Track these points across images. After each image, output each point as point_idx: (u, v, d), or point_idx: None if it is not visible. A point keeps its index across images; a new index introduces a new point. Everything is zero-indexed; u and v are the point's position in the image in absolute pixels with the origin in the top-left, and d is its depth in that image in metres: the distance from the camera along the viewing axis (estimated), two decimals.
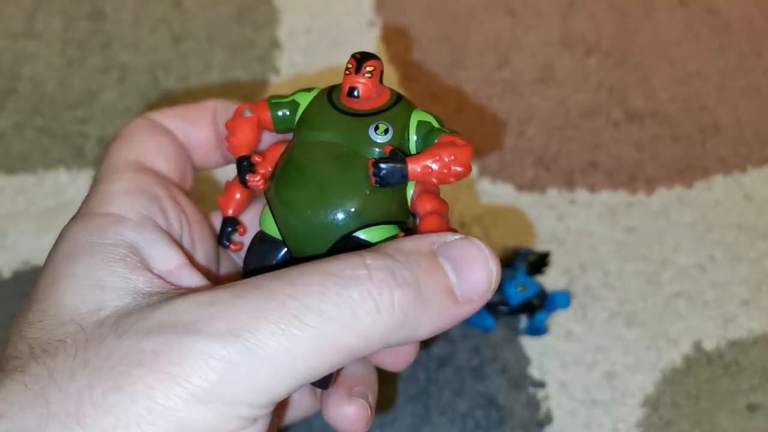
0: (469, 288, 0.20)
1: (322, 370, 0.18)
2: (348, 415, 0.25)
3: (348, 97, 0.22)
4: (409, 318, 0.19)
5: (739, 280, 0.48)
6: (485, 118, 0.51)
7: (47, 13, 0.50)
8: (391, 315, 0.18)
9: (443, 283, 0.20)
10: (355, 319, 0.18)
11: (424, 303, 0.19)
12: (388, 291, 0.18)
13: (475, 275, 0.20)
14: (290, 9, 0.53)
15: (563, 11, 0.56)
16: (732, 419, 0.44)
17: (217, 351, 0.17)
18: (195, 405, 0.17)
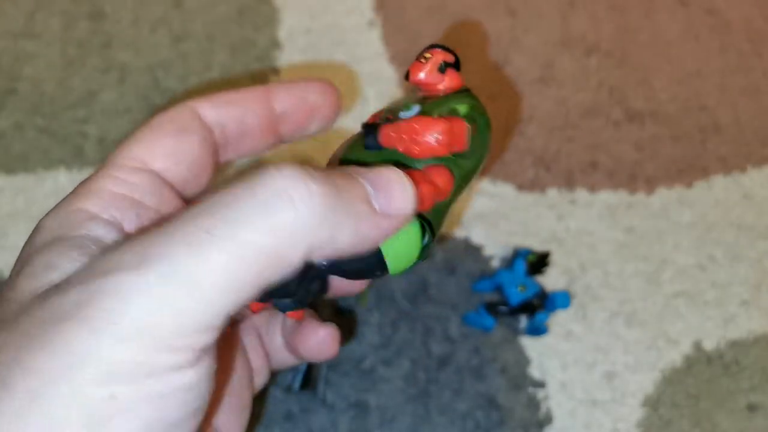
0: (386, 201, 0.19)
1: (250, 282, 0.17)
2: (321, 336, 0.25)
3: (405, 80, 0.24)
4: (328, 213, 0.18)
5: (739, 280, 0.48)
6: None
7: (47, 13, 0.50)
8: (309, 205, 0.17)
9: (360, 190, 0.19)
10: (270, 217, 0.17)
11: (342, 201, 0.18)
12: (302, 182, 0.17)
13: (393, 191, 0.20)
14: (290, 9, 0.53)
15: (563, 11, 0.56)
16: (732, 419, 0.44)
17: (133, 283, 0.17)
18: (120, 345, 0.16)
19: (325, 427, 0.41)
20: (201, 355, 0.18)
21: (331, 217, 0.18)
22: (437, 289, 0.45)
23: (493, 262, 0.46)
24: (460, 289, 0.45)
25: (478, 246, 0.46)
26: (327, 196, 0.18)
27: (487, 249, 0.46)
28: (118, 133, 0.47)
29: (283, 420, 0.40)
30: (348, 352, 0.43)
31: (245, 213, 0.17)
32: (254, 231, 0.17)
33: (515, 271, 0.44)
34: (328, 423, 0.41)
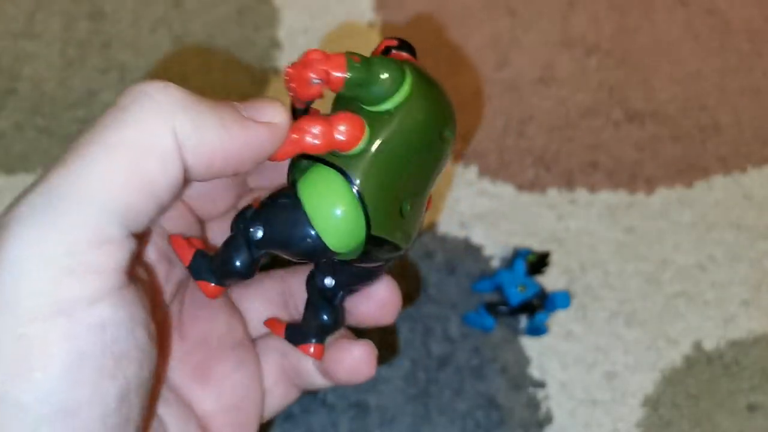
0: (253, 111, 0.19)
1: (127, 178, 0.17)
2: (356, 356, 0.22)
3: None
4: (188, 104, 0.18)
5: (739, 280, 0.48)
6: (485, 118, 0.51)
7: (47, 13, 0.50)
8: (166, 95, 0.18)
9: (227, 104, 0.19)
10: (129, 113, 0.17)
11: (204, 102, 0.18)
12: (161, 83, 0.18)
13: (260, 104, 0.19)
14: (290, 9, 0.53)
15: (563, 11, 0.56)
16: (732, 419, 0.44)
17: (21, 214, 0.16)
18: (23, 279, 0.16)
19: (325, 427, 0.41)
20: (113, 287, 0.17)
21: (192, 108, 0.18)
22: (437, 289, 0.45)
23: (493, 262, 0.46)
24: (460, 289, 0.45)
25: (478, 246, 0.46)
26: (185, 94, 0.18)
27: (487, 249, 0.46)
28: None
29: (283, 420, 0.40)
30: None
31: (109, 119, 0.17)
32: (117, 128, 0.17)
33: (515, 271, 0.44)
34: (328, 423, 0.41)
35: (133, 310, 0.17)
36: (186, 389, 0.23)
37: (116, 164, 0.16)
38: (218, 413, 0.23)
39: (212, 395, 0.23)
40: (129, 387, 0.17)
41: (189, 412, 0.23)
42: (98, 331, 0.16)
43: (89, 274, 0.16)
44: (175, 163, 0.17)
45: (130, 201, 0.17)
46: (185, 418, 0.23)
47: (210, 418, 0.23)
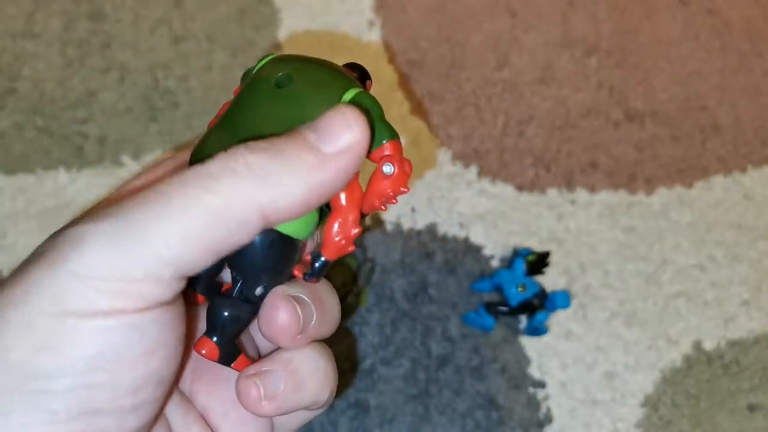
0: (329, 138, 0.20)
1: (198, 238, 0.18)
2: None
3: None
4: (268, 174, 0.19)
5: (739, 280, 0.48)
6: (485, 118, 0.51)
7: (47, 13, 0.50)
8: (246, 171, 0.19)
9: (302, 140, 0.20)
10: (213, 182, 0.18)
11: (282, 159, 0.19)
12: (242, 156, 0.19)
13: (335, 128, 0.20)
14: (290, 9, 0.53)
15: (563, 11, 0.56)
16: (732, 419, 0.44)
17: (90, 232, 0.18)
18: (73, 280, 0.18)
19: (325, 427, 0.41)
20: (150, 307, 0.19)
21: (273, 178, 0.19)
22: (437, 289, 0.45)
23: (493, 262, 0.46)
24: (460, 289, 0.45)
25: (478, 246, 0.46)
26: (266, 160, 0.19)
27: (487, 249, 0.46)
28: (117, 133, 0.47)
29: None
30: (348, 352, 0.43)
31: (195, 179, 0.19)
32: (200, 191, 0.18)
33: (515, 271, 0.44)
34: (328, 423, 0.41)
35: (167, 319, 0.19)
36: (187, 384, 0.24)
37: (189, 226, 0.18)
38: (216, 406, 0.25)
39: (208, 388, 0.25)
40: (148, 380, 0.19)
41: (191, 408, 0.24)
42: (128, 330, 0.18)
43: (133, 297, 0.18)
44: (251, 229, 0.19)
45: (189, 255, 0.18)
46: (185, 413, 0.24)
47: (209, 411, 0.24)
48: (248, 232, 0.19)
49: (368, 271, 0.43)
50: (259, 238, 0.21)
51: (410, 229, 0.46)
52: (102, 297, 0.18)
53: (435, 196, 0.47)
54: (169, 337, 0.19)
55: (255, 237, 0.20)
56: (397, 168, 0.21)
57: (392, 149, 0.22)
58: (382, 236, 0.46)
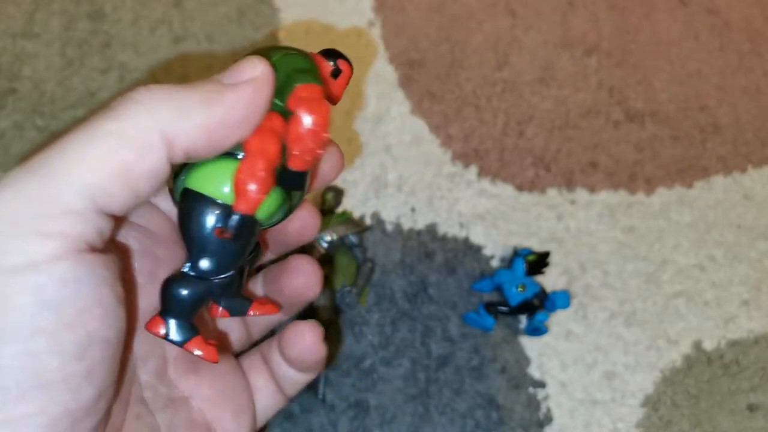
0: (231, 74, 0.20)
1: (106, 162, 0.18)
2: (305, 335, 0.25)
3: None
4: (169, 97, 0.19)
5: (739, 280, 0.48)
6: (485, 118, 0.51)
7: (47, 13, 0.50)
8: (147, 96, 0.19)
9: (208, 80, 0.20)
10: (114, 111, 0.19)
11: (183, 88, 0.20)
12: (143, 87, 0.20)
13: (238, 67, 0.20)
14: (290, 9, 0.53)
15: (563, 11, 0.56)
16: (732, 419, 0.44)
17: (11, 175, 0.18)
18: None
19: (325, 427, 0.41)
20: (77, 251, 0.18)
21: (172, 97, 0.19)
22: (437, 289, 0.45)
23: (493, 262, 0.46)
24: (460, 289, 0.45)
25: (478, 246, 0.46)
26: (166, 87, 0.20)
27: (487, 249, 0.46)
28: None
29: (283, 420, 0.40)
30: (348, 352, 0.43)
31: (99, 114, 0.19)
32: (102, 121, 0.19)
33: (515, 271, 0.44)
34: (328, 423, 0.41)
35: (99, 273, 0.19)
36: (184, 380, 0.25)
37: (94, 150, 0.18)
38: (215, 398, 0.25)
39: (206, 382, 0.25)
40: (90, 339, 0.19)
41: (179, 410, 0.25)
42: (61, 285, 0.18)
43: (55, 237, 0.18)
44: (156, 153, 0.19)
45: (102, 183, 0.18)
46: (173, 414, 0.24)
47: (208, 402, 0.25)
48: (156, 158, 0.19)
49: (368, 271, 0.43)
50: (183, 202, 0.21)
51: (410, 229, 0.46)
52: (25, 243, 0.17)
53: (435, 196, 0.47)
54: (104, 294, 0.19)
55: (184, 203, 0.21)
56: (310, 111, 0.20)
57: (306, 92, 0.21)
58: (382, 236, 0.46)
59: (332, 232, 0.42)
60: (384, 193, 0.47)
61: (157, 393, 0.24)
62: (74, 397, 0.19)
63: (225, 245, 0.22)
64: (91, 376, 0.19)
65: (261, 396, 0.27)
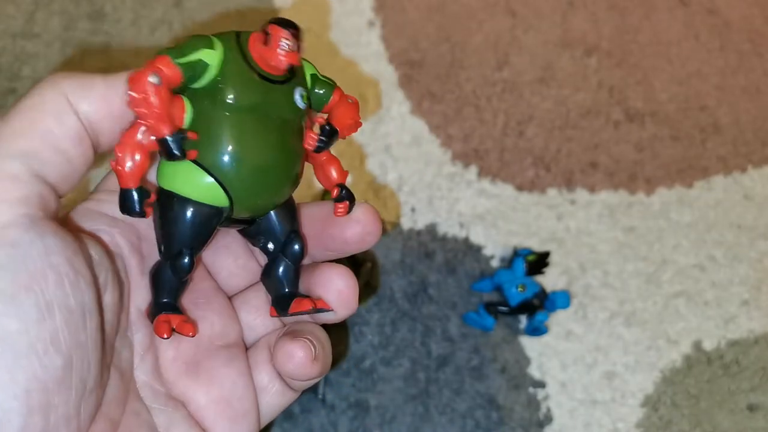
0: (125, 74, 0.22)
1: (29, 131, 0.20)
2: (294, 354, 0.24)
3: (273, 62, 0.22)
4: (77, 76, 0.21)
5: (739, 280, 0.48)
6: (485, 118, 0.51)
7: (47, 12, 0.50)
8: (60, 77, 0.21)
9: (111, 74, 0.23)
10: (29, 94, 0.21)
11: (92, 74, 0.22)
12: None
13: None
14: (290, 9, 0.53)
15: (563, 11, 0.56)
16: (732, 419, 0.44)
17: None
18: None
19: (325, 427, 0.41)
20: (23, 216, 0.19)
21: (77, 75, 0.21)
22: (437, 289, 0.45)
23: (493, 262, 0.46)
24: (460, 289, 0.45)
25: (478, 246, 0.46)
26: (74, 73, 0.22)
27: (487, 249, 0.46)
28: None
29: (283, 420, 0.40)
30: (348, 352, 0.43)
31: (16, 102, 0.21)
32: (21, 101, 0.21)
33: (515, 271, 0.44)
34: (328, 423, 0.41)
35: (49, 240, 0.20)
36: (180, 384, 0.25)
37: (20, 123, 0.20)
38: (210, 405, 0.25)
39: (203, 388, 0.25)
40: (50, 305, 0.20)
41: (179, 407, 0.25)
42: (10, 249, 0.19)
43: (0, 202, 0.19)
44: (70, 116, 0.21)
45: (34, 148, 0.20)
46: (172, 411, 0.24)
47: (203, 410, 0.25)
48: (72, 121, 0.21)
49: (368, 271, 0.43)
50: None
51: (410, 229, 0.46)
52: None
53: (435, 196, 0.47)
54: (56, 261, 0.20)
55: None
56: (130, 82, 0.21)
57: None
58: (382, 236, 0.46)
59: None
60: (384, 193, 0.47)
61: (156, 392, 0.24)
62: (41, 363, 0.19)
63: (159, 226, 0.23)
64: (56, 343, 0.19)
65: (266, 395, 0.27)
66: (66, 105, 0.21)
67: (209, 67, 0.22)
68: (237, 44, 0.22)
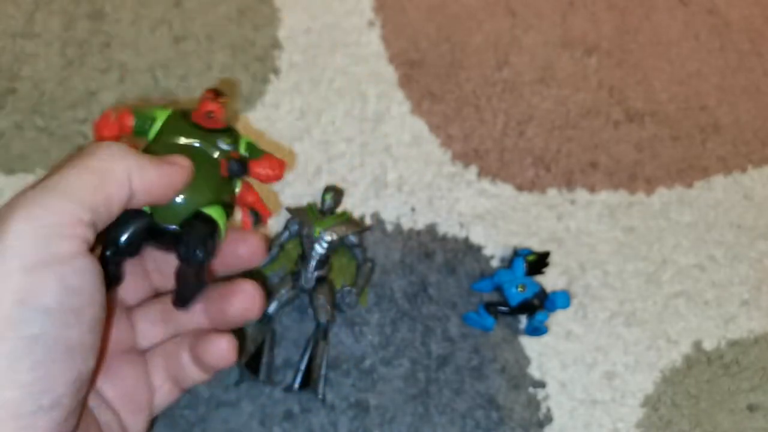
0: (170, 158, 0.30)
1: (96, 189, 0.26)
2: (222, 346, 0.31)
3: (205, 118, 0.31)
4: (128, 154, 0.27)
5: (739, 280, 0.48)
6: (485, 118, 0.51)
7: (47, 12, 0.50)
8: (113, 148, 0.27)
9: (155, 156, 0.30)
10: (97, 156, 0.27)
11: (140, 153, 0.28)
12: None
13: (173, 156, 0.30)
14: (290, 9, 0.53)
15: (563, 11, 0.56)
16: (732, 419, 0.44)
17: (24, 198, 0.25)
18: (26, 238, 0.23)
19: (325, 427, 0.41)
20: (84, 251, 0.25)
21: (136, 155, 0.27)
22: (437, 289, 0.45)
23: (493, 262, 0.46)
24: (460, 289, 0.45)
25: (478, 246, 0.46)
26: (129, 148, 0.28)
27: (487, 249, 0.46)
28: None
29: (283, 420, 0.40)
30: (348, 352, 0.43)
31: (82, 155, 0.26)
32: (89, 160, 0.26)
33: (515, 271, 0.44)
34: (328, 423, 0.41)
35: (97, 267, 0.26)
36: (98, 381, 0.31)
37: (89, 181, 0.26)
38: (116, 398, 0.31)
39: (111, 383, 0.31)
40: (97, 318, 0.26)
41: (100, 397, 0.30)
42: (79, 275, 0.25)
43: (71, 238, 0.24)
44: (125, 189, 0.27)
45: (96, 205, 0.26)
46: (98, 401, 0.30)
47: (111, 402, 0.31)
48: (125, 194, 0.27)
49: (368, 271, 0.43)
50: None
51: (410, 229, 0.46)
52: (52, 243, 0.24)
53: (435, 196, 0.47)
54: (101, 282, 0.26)
55: None
56: None
57: None
58: (382, 236, 0.46)
59: (332, 232, 0.41)
60: (384, 193, 0.47)
61: None
62: (85, 363, 0.25)
63: None
64: (95, 348, 0.26)
65: (159, 394, 0.33)
66: (126, 180, 0.27)
67: (156, 120, 0.31)
68: (183, 111, 0.32)
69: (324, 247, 0.41)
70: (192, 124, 0.31)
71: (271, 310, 0.41)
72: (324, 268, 0.42)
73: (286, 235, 0.43)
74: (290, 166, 0.45)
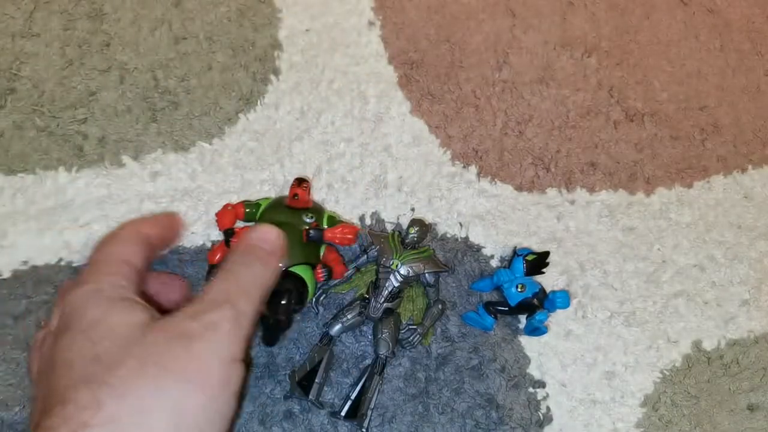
0: (262, 239, 0.36)
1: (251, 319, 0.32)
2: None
3: (292, 199, 0.42)
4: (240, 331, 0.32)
5: (739, 280, 0.48)
6: (485, 118, 0.51)
7: (46, 12, 0.50)
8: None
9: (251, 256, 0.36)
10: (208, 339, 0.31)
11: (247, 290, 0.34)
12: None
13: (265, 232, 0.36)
14: (290, 9, 0.53)
15: (563, 11, 0.56)
16: (732, 419, 0.44)
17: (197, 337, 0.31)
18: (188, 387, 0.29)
19: (325, 427, 0.41)
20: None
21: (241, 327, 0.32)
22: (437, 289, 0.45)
23: (493, 262, 0.46)
24: (460, 289, 0.45)
25: (478, 246, 0.46)
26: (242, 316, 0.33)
27: (487, 249, 0.46)
28: (117, 133, 0.47)
29: (283, 420, 0.40)
30: (348, 352, 0.43)
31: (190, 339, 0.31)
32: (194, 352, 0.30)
33: (515, 271, 0.44)
34: (328, 423, 0.41)
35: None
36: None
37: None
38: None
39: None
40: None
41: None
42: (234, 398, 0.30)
43: (237, 363, 0.31)
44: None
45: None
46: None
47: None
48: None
49: (437, 313, 0.43)
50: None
51: None
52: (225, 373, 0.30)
53: (435, 196, 0.47)
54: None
55: None
56: None
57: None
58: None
59: (410, 267, 0.41)
60: (384, 193, 0.47)
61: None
62: None
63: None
64: None
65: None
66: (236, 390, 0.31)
67: (261, 206, 0.43)
68: (279, 198, 0.43)
69: (398, 281, 0.41)
70: (285, 206, 0.42)
71: (333, 332, 0.41)
72: (395, 301, 0.41)
73: (363, 259, 0.43)
74: (360, 231, 0.47)
